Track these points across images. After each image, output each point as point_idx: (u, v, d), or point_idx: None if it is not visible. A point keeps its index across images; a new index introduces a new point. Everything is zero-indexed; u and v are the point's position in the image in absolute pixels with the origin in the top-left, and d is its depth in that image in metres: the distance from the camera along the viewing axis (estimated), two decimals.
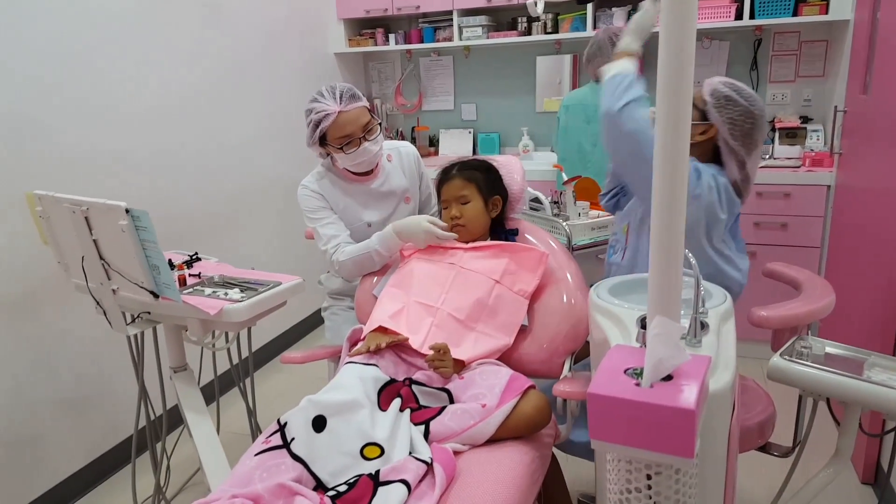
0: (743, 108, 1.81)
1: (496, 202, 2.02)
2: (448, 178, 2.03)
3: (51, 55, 2.36)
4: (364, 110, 2.12)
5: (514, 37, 3.92)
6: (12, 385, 2.29)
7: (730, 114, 1.81)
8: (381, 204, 2.26)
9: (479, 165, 2.05)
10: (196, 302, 1.84)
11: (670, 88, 1.00)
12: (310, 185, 2.20)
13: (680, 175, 1.06)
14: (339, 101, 2.06)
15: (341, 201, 2.21)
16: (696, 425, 0.95)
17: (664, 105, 1.01)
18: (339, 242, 2.14)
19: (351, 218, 2.22)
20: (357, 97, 2.10)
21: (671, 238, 1.08)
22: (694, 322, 1.21)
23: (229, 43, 3.29)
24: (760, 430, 1.82)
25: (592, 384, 1.02)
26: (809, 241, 3.19)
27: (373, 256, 2.07)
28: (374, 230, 2.17)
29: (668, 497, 1.03)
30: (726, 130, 1.82)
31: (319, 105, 2.07)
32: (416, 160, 2.37)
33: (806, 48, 3.58)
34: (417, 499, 1.35)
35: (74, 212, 1.78)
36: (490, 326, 1.83)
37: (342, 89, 2.09)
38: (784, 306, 1.69)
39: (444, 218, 2.01)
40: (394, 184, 2.28)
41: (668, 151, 1.05)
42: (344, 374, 1.67)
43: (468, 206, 1.97)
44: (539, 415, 1.57)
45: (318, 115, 2.06)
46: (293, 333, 3.86)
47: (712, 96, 1.84)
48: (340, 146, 2.09)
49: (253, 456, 1.46)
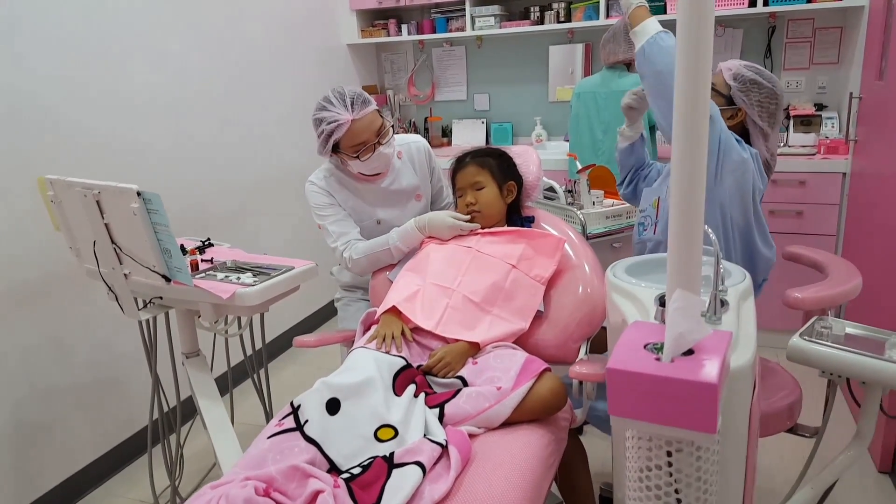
0: (768, 89, 1.86)
1: (511, 188, 2.02)
2: (461, 166, 2.04)
3: (69, 44, 2.36)
4: (376, 114, 2.06)
5: (527, 26, 3.90)
6: (26, 374, 2.29)
7: (757, 97, 1.85)
8: (390, 202, 2.22)
9: (491, 152, 2.06)
10: (208, 286, 1.83)
11: (689, 67, 0.99)
12: (317, 181, 2.16)
13: (700, 150, 1.04)
14: (351, 109, 1.99)
15: (350, 200, 2.17)
16: (719, 400, 0.94)
17: (683, 81, 1.00)
18: (350, 240, 2.11)
19: (360, 215, 2.19)
20: (367, 101, 2.03)
21: (691, 212, 1.06)
22: (714, 299, 1.19)
23: (244, 34, 3.29)
24: (789, 412, 1.82)
25: (612, 359, 1.00)
26: (825, 229, 3.15)
27: (391, 252, 2.06)
28: (384, 227, 2.16)
29: (689, 474, 1.01)
30: (755, 113, 1.86)
31: (330, 114, 1.99)
32: (428, 155, 2.31)
33: (820, 35, 3.53)
34: (433, 481, 1.34)
35: (86, 195, 1.77)
36: (506, 310, 1.81)
37: (352, 95, 2.01)
38: (816, 287, 1.70)
39: (460, 205, 2.02)
40: (404, 182, 2.23)
41: (686, 124, 1.03)
42: (358, 357, 1.66)
43: (483, 191, 1.98)
44: (555, 397, 1.56)
45: (331, 126, 1.98)
46: (306, 324, 3.86)
47: (737, 81, 1.87)
48: (356, 154, 2.03)
49: (266, 438, 1.45)
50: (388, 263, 2.10)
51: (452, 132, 4.42)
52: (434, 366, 1.68)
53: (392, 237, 2.07)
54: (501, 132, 4.24)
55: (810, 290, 1.68)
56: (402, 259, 2.07)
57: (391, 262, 2.09)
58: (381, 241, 2.08)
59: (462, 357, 1.70)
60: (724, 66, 1.93)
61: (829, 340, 1.44)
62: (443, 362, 1.68)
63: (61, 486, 2.43)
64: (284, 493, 1.30)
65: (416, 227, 2.03)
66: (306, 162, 3.70)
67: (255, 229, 3.39)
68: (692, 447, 1.00)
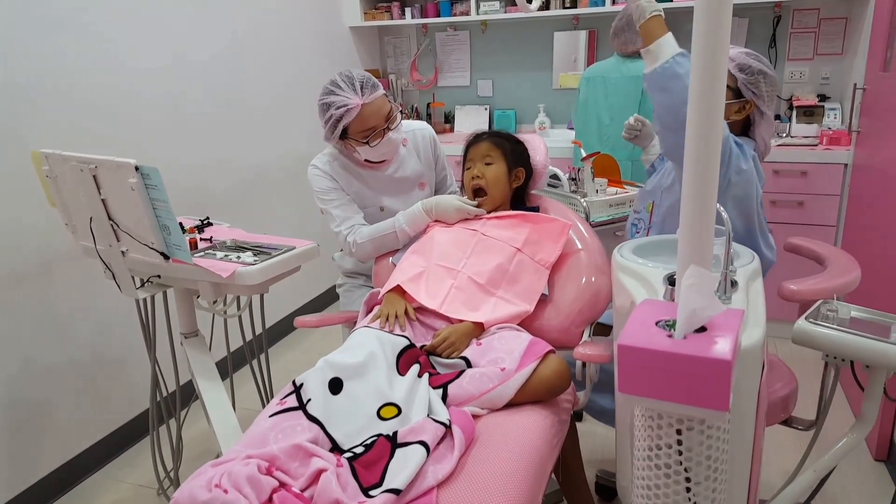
0: (772, 78, 1.79)
1: (519, 174, 2.01)
2: (477, 141, 2.03)
3: (67, 21, 2.32)
4: (385, 99, 2.03)
5: (532, 11, 3.85)
6: (23, 355, 2.27)
7: (766, 87, 1.78)
8: (394, 190, 2.19)
9: (508, 136, 2.05)
10: (208, 264, 1.81)
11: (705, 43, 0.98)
12: (321, 165, 2.13)
13: (714, 125, 1.03)
14: (360, 93, 1.95)
15: (353, 186, 2.14)
16: (732, 377, 0.92)
17: (699, 56, 0.98)
18: (354, 224, 2.09)
19: (363, 201, 2.16)
20: (376, 85, 2.00)
21: (703, 189, 1.04)
22: (724, 279, 1.18)
23: (246, 15, 3.25)
24: (784, 403, 1.79)
25: (622, 336, 0.99)
26: (825, 220, 3.14)
27: (396, 235, 2.04)
28: (387, 215, 2.14)
29: (699, 453, 1.00)
30: (764, 103, 1.79)
31: (339, 98, 1.95)
32: (433, 142, 2.28)
33: (825, 25, 3.51)
34: (436, 461, 1.32)
35: (82, 170, 1.74)
36: (510, 293, 1.80)
37: (361, 79, 1.97)
38: (814, 279, 1.65)
39: (466, 177, 2.00)
40: (408, 170, 2.20)
41: (701, 99, 1.02)
42: (361, 335, 1.65)
43: (491, 167, 1.96)
44: (559, 379, 1.55)
45: (340, 111, 1.94)
46: (307, 309, 3.83)
47: (744, 72, 1.78)
48: (365, 139, 2.00)
49: (268, 417, 1.43)
50: (393, 248, 2.07)
51: (455, 118, 4.39)
52: (438, 345, 1.67)
53: (398, 220, 2.04)
54: (504, 119, 4.20)
55: (807, 283, 1.62)
56: (406, 244, 2.05)
57: (396, 246, 2.07)
58: (386, 225, 2.06)
59: (466, 337, 1.69)
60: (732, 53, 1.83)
61: (834, 324, 1.43)
62: (447, 342, 1.67)
63: (60, 470, 2.41)
64: (287, 471, 1.29)
65: (424, 209, 2.01)
66: (308, 144, 3.67)
67: (255, 211, 3.36)
68: (703, 425, 0.98)
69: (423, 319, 1.77)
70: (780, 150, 3.20)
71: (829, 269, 1.76)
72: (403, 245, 2.06)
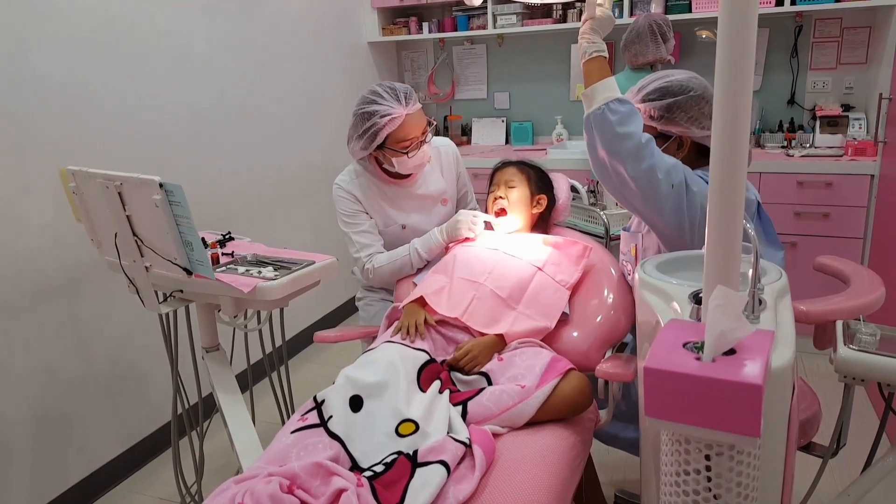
0: (685, 99, 1.65)
1: (541, 200, 2.06)
2: (502, 167, 2.10)
3: (94, 41, 2.36)
4: (422, 110, 2.06)
5: (549, 24, 3.86)
6: (47, 368, 2.29)
7: (687, 113, 1.65)
8: (417, 207, 2.20)
9: (533, 166, 2.11)
10: (229, 279, 1.81)
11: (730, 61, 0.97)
12: (345, 184, 2.14)
13: (739, 142, 1.01)
14: (404, 103, 1.97)
15: (377, 202, 2.15)
16: (762, 402, 0.90)
17: (724, 74, 0.97)
18: (373, 252, 2.12)
19: (385, 219, 2.17)
20: (416, 97, 2.03)
21: (730, 206, 1.03)
22: (752, 297, 1.15)
23: (266, 31, 3.28)
24: (803, 428, 1.72)
25: (649, 358, 0.97)
26: (852, 232, 3.09)
27: (410, 259, 2.07)
28: (409, 233, 2.15)
29: (729, 479, 0.97)
30: (698, 124, 1.66)
31: (383, 108, 1.95)
32: (456, 159, 2.30)
33: (848, 35, 3.47)
34: (457, 481, 1.31)
35: (108, 187, 1.76)
36: (531, 309, 1.80)
37: (404, 90, 1.99)
38: (826, 301, 1.56)
39: (489, 201, 2.06)
40: (431, 186, 2.21)
41: (726, 116, 1.00)
42: (382, 351, 1.64)
43: (514, 190, 2.02)
44: (580, 396, 1.53)
45: (384, 120, 1.95)
46: (326, 322, 3.84)
47: (656, 119, 1.67)
48: (404, 150, 2.01)
49: (289, 433, 1.43)
50: (408, 273, 2.10)
51: (472, 131, 4.39)
52: (461, 358, 1.66)
53: (415, 244, 2.08)
54: (522, 131, 4.20)
55: (817, 304, 1.53)
56: (427, 266, 2.08)
57: (411, 270, 2.10)
58: (402, 251, 2.09)
59: (489, 351, 1.68)
60: None
61: (872, 347, 1.38)
62: (469, 355, 1.66)
63: (83, 483, 2.42)
64: (308, 490, 1.28)
65: (437, 231, 2.05)
66: (326, 158, 3.69)
67: (275, 225, 3.38)
68: (732, 451, 0.96)
69: (446, 332, 1.77)
70: (803, 160, 3.16)
71: (849, 290, 1.68)
72: (419, 269, 2.10)
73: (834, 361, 1.40)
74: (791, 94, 3.63)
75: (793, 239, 3.18)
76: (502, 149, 4.12)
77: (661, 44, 3.12)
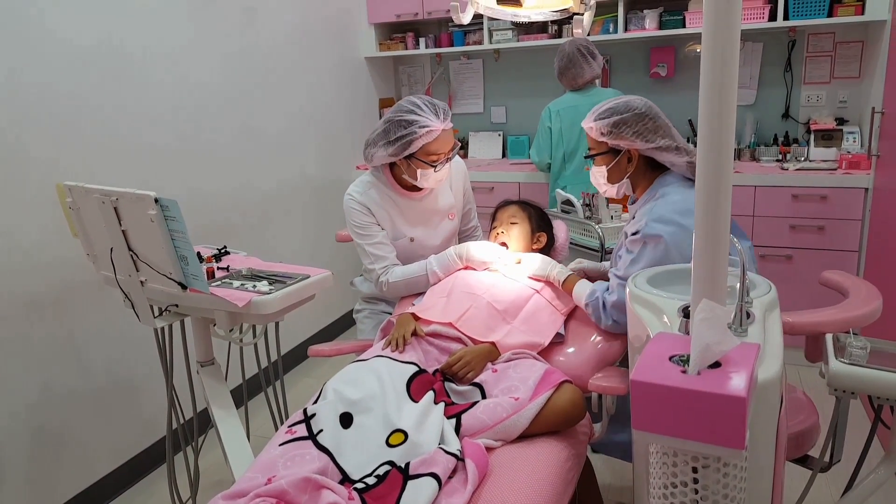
0: (631, 116, 1.77)
1: (541, 237, 2.13)
2: (505, 205, 2.18)
3: (88, 56, 2.38)
4: (452, 129, 2.10)
5: (545, 39, 3.89)
6: (42, 382, 2.29)
7: (633, 128, 1.77)
8: (425, 220, 2.24)
9: (535, 205, 2.21)
10: (224, 294, 1.82)
11: (712, 79, 0.98)
12: (357, 195, 2.15)
13: (725, 154, 1.02)
14: (441, 119, 2.01)
15: (388, 213, 2.18)
16: (747, 414, 0.91)
17: (708, 87, 0.98)
18: (387, 265, 2.13)
19: (395, 232, 2.20)
20: (450, 116, 2.07)
21: (716, 220, 1.04)
22: (740, 311, 1.16)
23: (264, 46, 3.31)
24: (798, 440, 1.71)
25: (635, 371, 0.98)
26: (847, 245, 3.10)
27: (428, 277, 2.09)
28: (417, 245, 2.19)
29: (716, 492, 0.98)
30: (646, 139, 1.78)
31: (422, 119, 1.99)
32: (464, 175, 2.35)
33: (841, 49, 3.50)
34: (448, 495, 1.31)
35: (104, 202, 1.77)
36: (526, 325, 1.83)
37: (443, 107, 2.04)
38: (815, 313, 1.60)
39: (491, 236, 2.13)
40: (441, 201, 2.25)
41: (712, 131, 1.02)
42: (370, 365, 1.65)
43: (515, 226, 2.09)
44: (574, 408, 1.54)
45: (423, 130, 1.98)
46: (322, 336, 3.84)
47: (607, 135, 1.80)
48: (433, 163, 2.04)
49: (277, 446, 1.43)
50: (423, 290, 2.11)
51: (469, 145, 4.41)
52: (454, 364, 1.68)
53: (431, 262, 2.10)
54: (518, 145, 4.22)
55: (805, 316, 1.58)
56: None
57: (426, 288, 2.10)
58: (418, 267, 2.11)
59: (482, 359, 1.70)
60: (585, 126, 1.87)
61: (862, 360, 1.39)
62: (462, 361, 1.68)
63: (77, 497, 2.41)
64: None
65: (456, 254, 2.08)
66: (324, 173, 3.71)
67: (270, 238, 3.39)
68: (719, 463, 0.97)
69: (439, 343, 1.79)
70: (798, 174, 3.18)
71: (844, 302, 1.69)
72: None
73: (825, 375, 1.41)
74: (785, 107, 3.66)
75: (788, 252, 3.19)
76: (499, 162, 4.14)
77: (593, 62, 3.26)
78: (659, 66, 3.82)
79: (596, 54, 3.28)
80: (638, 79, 3.93)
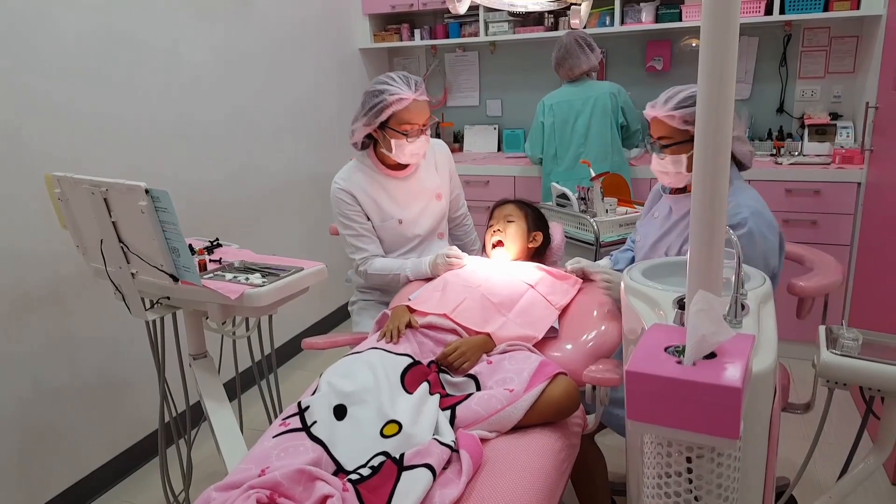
0: None
1: (537, 237, 2.16)
2: (502, 204, 2.22)
3: (82, 47, 2.36)
4: (427, 103, 2.14)
5: (541, 31, 3.88)
6: (33, 376, 2.27)
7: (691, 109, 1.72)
8: (412, 200, 2.26)
9: (531, 205, 2.25)
10: (216, 286, 1.81)
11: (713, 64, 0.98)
12: (341, 182, 2.19)
13: (722, 149, 1.02)
14: (414, 89, 2.06)
15: (374, 195, 2.20)
16: (742, 404, 0.90)
17: (706, 76, 0.98)
18: (367, 256, 2.20)
19: (382, 214, 2.21)
20: (425, 89, 2.12)
21: (712, 212, 1.04)
22: (735, 303, 1.16)
23: (257, 37, 3.28)
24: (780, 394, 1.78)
25: (631, 362, 0.97)
26: (839, 239, 3.11)
27: (399, 279, 2.16)
28: (405, 227, 2.23)
29: (710, 481, 0.98)
30: None
31: (393, 88, 2.05)
32: (448, 157, 2.39)
33: (836, 44, 3.50)
34: (443, 486, 1.31)
35: (94, 193, 1.75)
36: (520, 318, 1.83)
37: (416, 79, 2.10)
38: (815, 277, 1.85)
39: (487, 235, 2.17)
40: (426, 181, 2.28)
41: (709, 124, 1.01)
42: (364, 357, 1.65)
43: (512, 224, 2.12)
44: (568, 400, 1.54)
45: (392, 98, 2.04)
46: (316, 329, 3.83)
47: (689, 119, 1.74)
48: (405, 133, 2.07)
49: (271, 438, 1.42)
50: (396, 288, 2.18)
51: (464, 138, 4.40)
52: (449, 354, 1.68)
53: (406, 266, 2.16)
54: (514, 138, 4.21)
55: (811, 280, 1.82)
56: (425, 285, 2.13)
57: (398, 287, 2.17)
58: (395, 265, 2.18)
59: (478, 350, 1.70)
60: (661, 115, 1.79)
61: (854, 352, 1.40)
62: (458, 351, 1.69)
63: (69, 491, 2.40)
64: (291, 497, 1.27)
65: (427, 264, 2.13)
66: (318, 165, 3.69)
67: (264, 231, 3.37)
68: (713, 453, 0.97)
69: (434, 335, 1.79)
70: (792, 168, 3.19)
71: (822, 268, 1.90)
72: None
73: (817, 366, 1.41)
74: (780, 102, 3.66)
75: None
76: (494, 156, 4.13)
77: (590, 53, 3.28)
78: (655, 59, 3.82)
79: (594, 46, 3.29)
80: (634, 72, 3.93)
